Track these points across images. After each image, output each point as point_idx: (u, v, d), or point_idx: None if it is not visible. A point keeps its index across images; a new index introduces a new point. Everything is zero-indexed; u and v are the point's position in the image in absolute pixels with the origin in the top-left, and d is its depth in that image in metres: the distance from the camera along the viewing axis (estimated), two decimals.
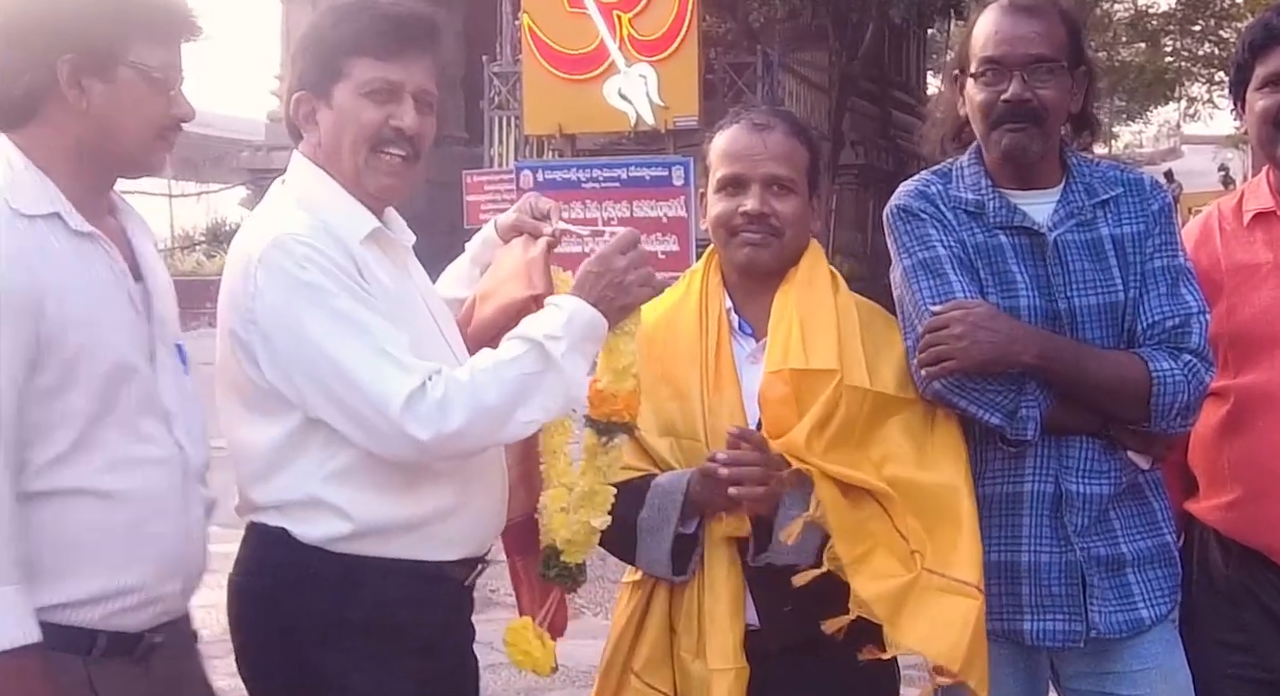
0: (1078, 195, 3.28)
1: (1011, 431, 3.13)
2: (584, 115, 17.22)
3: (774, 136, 3.27)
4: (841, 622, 3.03)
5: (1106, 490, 3.18)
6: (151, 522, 2.67)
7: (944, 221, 3.29)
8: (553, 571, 3.13)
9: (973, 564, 3.07)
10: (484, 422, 2.82)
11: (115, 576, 2.63)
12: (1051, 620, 3.18)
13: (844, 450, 3.11)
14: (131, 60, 2.66)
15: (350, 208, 3.00)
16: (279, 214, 2.96)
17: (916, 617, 3.03)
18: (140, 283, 2.77)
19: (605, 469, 3.06)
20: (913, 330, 3.22)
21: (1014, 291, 3.20)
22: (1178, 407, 3.12)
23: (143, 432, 2.68)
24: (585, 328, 2.94)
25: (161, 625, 2.75)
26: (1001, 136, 3.20)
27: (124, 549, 2.64)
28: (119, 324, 2.67)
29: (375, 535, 2.90)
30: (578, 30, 17.97)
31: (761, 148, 3.25)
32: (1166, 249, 3.24)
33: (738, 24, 21.77)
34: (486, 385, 2.82)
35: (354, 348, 2.78)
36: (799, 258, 3.31)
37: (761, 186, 3.23)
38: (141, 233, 2.89)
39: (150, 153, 2.76)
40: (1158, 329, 3.17)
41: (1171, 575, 3.28)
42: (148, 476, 2.66)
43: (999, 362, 3.08)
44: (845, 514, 3.05)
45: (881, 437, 3.17)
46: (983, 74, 3.22)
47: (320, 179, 3.01)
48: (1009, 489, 3.21)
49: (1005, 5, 3.26)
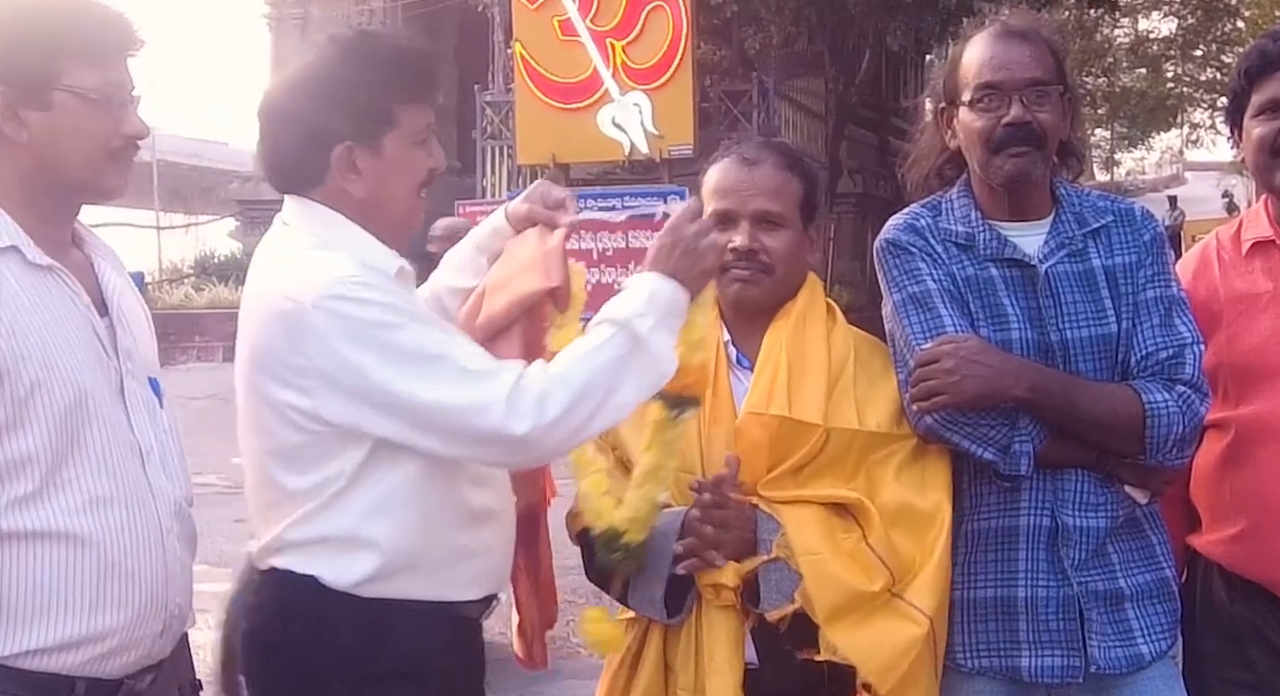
0: (1068, 225, 3.26)
1: (1005, 466, 3.10)
2: (578, 144, 17.22)
3: (763, 171, 3.25)
4: (785, 612, 3.01)
5: (1104, 523, 3.15)
6: (126, 563, 2.62)
7: (934, 255, 3.26)
8: (617, 554, 3.07)
9: (931, 594, 3.06)
10: (582, 410, 2.80)
11: (89, 620, 2.58)
12: (1050, 656, 3.14)
13: (827, 479, 3.11)
14: (66, 85, 2.62)
15: (374, 246, 2.97)
16: (308, 261, 2.88)
17: (859, 628, 3.01)
18: (106, 316, 2.73)
19: (671, 443, 3.05)
20: (904, 365, 3.20)
21: (1005, 324, 3.18)
22: (1173, 440, 3.09)
23: (115, 470, 2.63)
24: (668, 302, 2.93)
25: (144, 671, 2.70)
26: (1004, 162, 3.18)
27: (97, 591, 2.59)
28: (81, 358, 2.62)
29: (406, 572, 2.87)
30: (571, 58, 17.97)
31: (750, 183, 3.23)
32: (1159, 279, 3.22)
33: (733, 51, 21.84)
34: (579, 374, 2.81)
35: (437, 378, 2.76)
36: (795, 291, 3.29)
37: (750, 222, 3.21)
38: (110, 265, 2.85)
39: (102, 175, 2.71)
40: (1151, 360, 3.15)
41: (1171, 610, 3.25)
42: (120, 515, 2.62)
43: (990, 397, 3.06)
44: (814, 540, 3.03)
45: (870, 471, 3.15)
46: (980, 100, 3.20)
47: (341, 223, 2.96)
48: (1005, 523, 3.17)
49: (997, 32, 3.25)
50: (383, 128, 2.93)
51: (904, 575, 3.06)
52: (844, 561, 3.03)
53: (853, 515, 3.09)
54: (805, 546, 3.02)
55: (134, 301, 2.89)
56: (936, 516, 3.11)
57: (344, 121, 2.90)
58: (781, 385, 3.13)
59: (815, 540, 3.03)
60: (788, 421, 3.09)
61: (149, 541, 2.67)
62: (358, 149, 2.91)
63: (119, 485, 2.63)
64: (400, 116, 2.93)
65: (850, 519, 3.09)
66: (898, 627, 3.02)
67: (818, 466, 3.12)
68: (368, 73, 2.94)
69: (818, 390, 3.14)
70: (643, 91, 17.78)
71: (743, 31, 21.88)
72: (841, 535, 3.06)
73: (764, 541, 3.04)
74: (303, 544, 2.86)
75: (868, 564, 3.04)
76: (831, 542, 3.04)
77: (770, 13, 20.87)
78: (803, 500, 3.09)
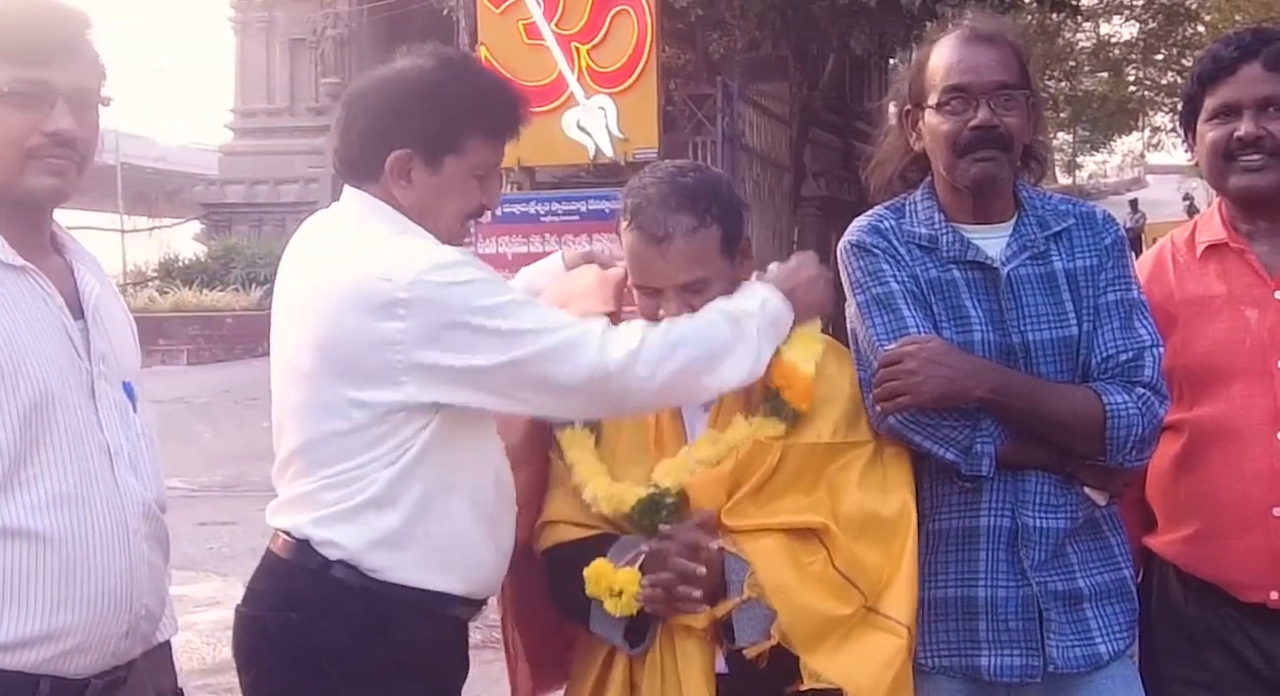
0: (1030, 228, 3.28)
1: (966, 467, 3.13)
2: (543, 147, 17.10)
3: (674, 246, 3.12)
4: (762, 648, 3.01)
5: (1063, 524, 3.17)
6: (89, 563, 2.60)
7: (897, 256, 3.28)
8: (662, 512, 3.09)
9: (906, 602, 3.06)
10: (671, 363, 2.96)
11: (50, 618, 2.56)
12: (1009, 655, 3.16)
13: (788, 496, 3.10)
14: None
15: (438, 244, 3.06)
16: (396, 245, 2.98)
17: (839, 650, 3.01)
18: (81, 319, 2.72)
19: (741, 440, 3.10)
20: (867, 366, 3.22)
21: (968, 326, 3.20)
22: (1132, 441, 3.12)
23: (81, 469, 2.62)
24: (775, 312, 3.12)
25: (111, 671, 2.68)
26: (971, 165, 3.20)
27: (59, 590, 2.57)
28: (51, 358, 2.61)
29: (413, 545, 2.94)
30: (535, 62, 17.90)
31: (663, 264, 3.13)
32: (1120, 282, 3.25)
33: (697, 55, 21.81)
34: (679, 333, 2.99)
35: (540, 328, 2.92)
36: None
37: (676, 294, 3.14)
38: (90, 271, 2.83)
39: (19, 175, 2.64)
40: (1111, 363, 3.17)
41: (1129, 610, 3.27)
42: (84, 514, 2.60)
43: (952, 398, 3.08)
44: (783, 575, 3.02)
45: (831, 480, 3.14)
46: (947, 103, 3.22)
47: (405, 221, 3.06)
48: (965, 523, 3.19)
49: (963, 35, 3.27)
50: (447, 149, 3.03)
51: (874, 587, 3.07)
52: (815, 589, 3.02)
53: (816, 536, 3.08)
54: (775, 583, 3.01)
55: (116, 308, 2.88)
56: (901, 521, 3.11)
57: (413, 129, 3.02)
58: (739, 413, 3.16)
59: (784, 574, 3.02)
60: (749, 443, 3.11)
61: (113, 541, 2.65)
62: (416, 159, 3.01)
63: (84, 484, 2.62)
64: (468, 146, 3.04)
65: (814, 540, 3.07)
66: (877, 642, 3.03)
67: (777, 485, 3.11)
68: (453, 94, 3.04)
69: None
70: (607, 95, 17.75)
71: (707, 36, 21.86)
72: (807, 560, 3.05)
73: (734, 583, 3.02)
74: (332, 501, 2.96)
75: (838, 588, 3.04)
76: (800, 573, 3.03)
77: (734, 17, 20.83)
78: (765, 529, 3.07)
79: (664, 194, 3.16)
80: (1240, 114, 3.27)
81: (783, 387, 3.12)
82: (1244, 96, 3.27)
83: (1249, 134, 3.25)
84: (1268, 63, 3.26)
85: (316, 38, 29.38)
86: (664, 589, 3.00)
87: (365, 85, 3.14)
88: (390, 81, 3.10)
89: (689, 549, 3.01)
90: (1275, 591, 3.18)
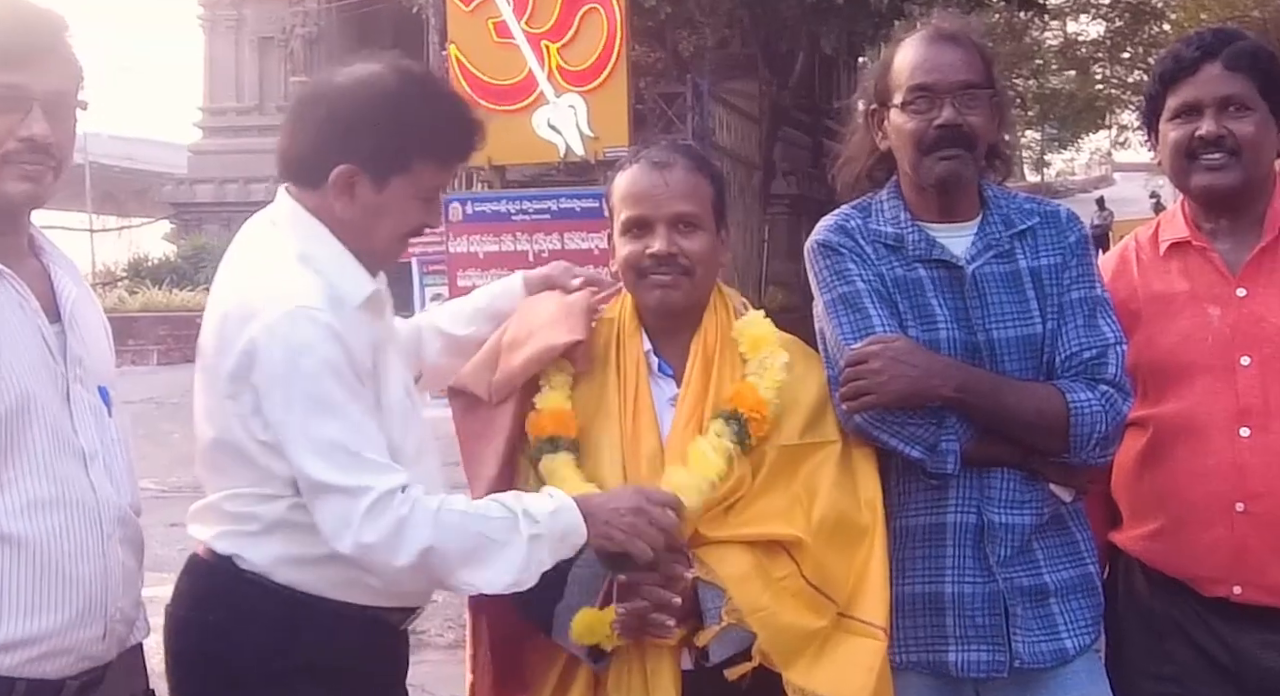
0: (995, 227, 3.30)
1: (932, 464, 3.15)
2: (513, 146, 17.08)
3: (676, 173, 3.20)
4: (744, 669, 3.02)
5: (1029, 521, 3.19)
6: (64, 566, 2.60)
7: (863, 255, 3.30)
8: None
9: (879, 604, 3.08)
10: (430, 564, 2.81)
11: (25, 622, 2.56)
12: (976, 651, 3.18)
13: (761, 499, 3.11)
14: None
15: (352, 270, 2.98)
16: (284, 272, 2.90)
17: (819, 660, 3.03)
18: (58, 323, 2.72)
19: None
20: (834, 365, 3.24)
21: (933, 324, 3.22)
22: (1096, 438, 3.15)
23: (56, 473, 2.62)
24: (566, 527, 2.89)
25: (85, 673, 2.68)
26: (935, 164, 3.22)
27: (34, 593, 2.57)
28: (27, 362, 2.61)
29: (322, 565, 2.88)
30: (505, 61, 17.86)
31: (663, 187, 3.18)
32: (1084, 280, 3.27)
33: (667, 54, 21.84)
34: (450, 527, 2.81)
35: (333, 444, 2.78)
36: (709, 295, 3.29)
37: (667, 226, 3.16)
38: (67, 275, 2.83)
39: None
40: (1075, 360, 3.20)
41: (1095, 605, 3.30)
42: (59, 518, 2.60)
43: (917, 396, 3.10)
44: (759, 597, 3.02)
45: (806, 482, 3.15)
46: (912, 102, 3.24)
47: (325, 238, 2.98)
48: (932, 520, 3.22)
49: (928, 35, 3.30)
50: (395, 170, 2.95)
51: (844, 592, 3.09)
52: (790, 605, 3.04)
53: (784, 548, 3.08)
54: (752, 604, 3.01)
55: (93, 312, 2.87)
56: (870, 521, 3.14)
57: (364, 147, 2.92)
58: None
59: (760, 596, 3.02)
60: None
61: (89, 545, 2.65)
62: (360, 176, 2.93)
63: (60, 489, 2.62)
64: (417, 168, 2.95)
65: (782, 553, 3.08)
66: (856, 647, 3.05)
67: (751, 492, 3.11)
68: (411, 115, 2.95)
69: None
70: (578, 93, 17.74)
71: (677, 34, 21.88)
72: (779, 575, 3.05)
73: (710, 610, 3.01)
74: (235, 516, 2.93)
75: (811, 600, 3.06)
76: (774, 590, 3.03)
77: (704, 15, 20.89)
78: (738, 540, 3.06)
79: (667, 143, 3.38)
80: (1202, 113, 3.29)
81: (744, 411, 3.11)
82: (1205, 96, 3.30)
83: (1210, 133, 3.27)
84: (1228, 62, 3.29)
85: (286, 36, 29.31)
86: (638, 617, 3.01)
87: (322, 90, 3.03)
88: (348, 91, 2.97)
89: (664, 578, 3.01)
90: (1238, 586, 3.20)
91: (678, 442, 3.14)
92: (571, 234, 15.60)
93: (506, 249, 15.86)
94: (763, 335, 3.22)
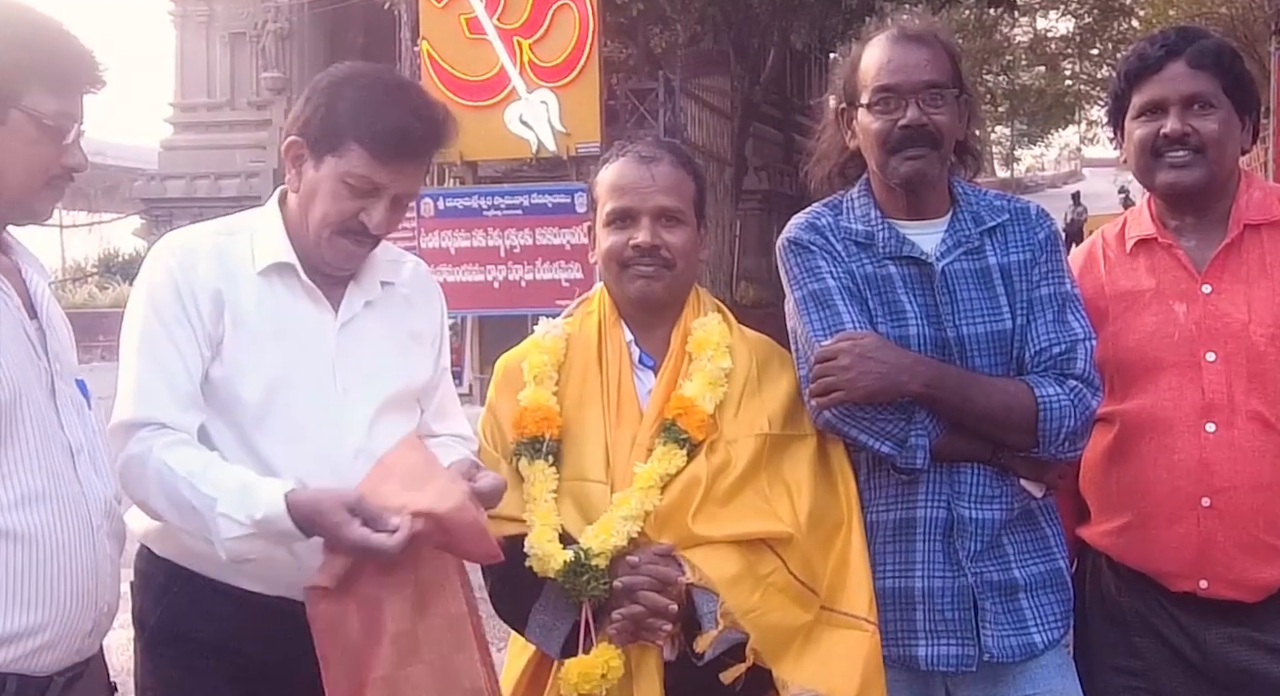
0: (965, 224, 3.32)
1: (902, 460, 3.17)
2: (485, 142, 17.13)
3: (662, 168, 3.26)
4: (738, 671, 3.03)
5: (999, 516, 3.21)
6: (58, 560, 2.62)
7: (833, 253, 3.32)
8: (585, 577, 3.01)
9: (863, 597, 3.10)
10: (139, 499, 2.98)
11: (19, 616, 2.57)
12: (945, 645, 3.21)
13: (746, 492, 3.12)
14: (25, 106, 2.63)
15: (271, 239, 3.12)
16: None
17: (804, 654, 3.05)
18: (35, 319, 2.75)
19: (649, 489, 3.08)
20: (805, 361, 3.25)
21: (903, 321, 3.24)
22: (1065, 433, 3.17)
23: (47, 468, 2.63)
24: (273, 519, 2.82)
25: (71, 667, 2.70)
26: (901, 163, 3.25)
27: (28, 588, 2.58)
28: (15, 358, 2.63)
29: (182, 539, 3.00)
30: (477, 56, 17.90)
31: (650, 180, 3.24)
32: (1053, 276, 3.29)
33: (639, 49, 21.82)
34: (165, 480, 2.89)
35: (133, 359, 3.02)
36: (689, 289, 3.33)
37: (651, 219, 3.22)
38: (36, 271, 2.86)
39: (37, 200, 2.73)
40: (1044, 356, 3.22)
41: (1064, 600, 3.32)
42: (52, 512, 2.62)
43: (886, 393, 3.12)
44: (750, 598, 3.03)
45: (786, 478, 3.17)
46: (877, 103, 3.26)
47: (271, 210, 3.17)
48: (902, 515, 3.24)
49: (894, 35, 3.32)
50: (329, 149, 3.03)
51: (824, 584, 3.11)
52: (778, 602, 3.05)
53: (768, 544, 3.09)
54: (744, 605, 3.02)
55: (57, 308, 2.90)
56: (848, 514, 3.17)
57: (305, 120, 3.06)
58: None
59: (750, 595, 3.03)
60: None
61: (80, 538, 2.66)
62: (305, 148, 3.05)
63: (51, 483, 2.63)
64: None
65: (767, 549, 3.08)
66: (840, 640, 3.07)
67: (733, 483, 3.12)
68: (345, 98, 3.05)
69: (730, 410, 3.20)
70: (549, 89, 17.76)
71: (649, 30, 21.86)
72: (765, 572, 3.06)
73: (706, 615, 3.02)
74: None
75: (798, 595, 3.07)
76: (763, 589, 3.05)
77: (676, 11, 20.88)
78: (732, 539, 3.06)
79: (653, 139, 3.43)
80: (1166, 111, 3.32)
81: (678, 417, 3.14)
82: (1170, 94, 3.32)
83: (1174, 131, 3.30)
84: (1192, 61, 3.32)
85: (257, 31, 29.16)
86: (634, 622, 3.03)
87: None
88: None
89: (659, 582, 3.03)
90: (1204, 580, 3.22)
91: (647, 438, 3.16)
92: (543, 229, 15.64)
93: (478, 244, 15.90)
94: (707, 338, 3.25)
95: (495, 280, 15.94)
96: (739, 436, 3.16)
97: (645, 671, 3.05)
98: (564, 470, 3.17)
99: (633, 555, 3.04)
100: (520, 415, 3.22)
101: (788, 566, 3.07)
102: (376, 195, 3.05)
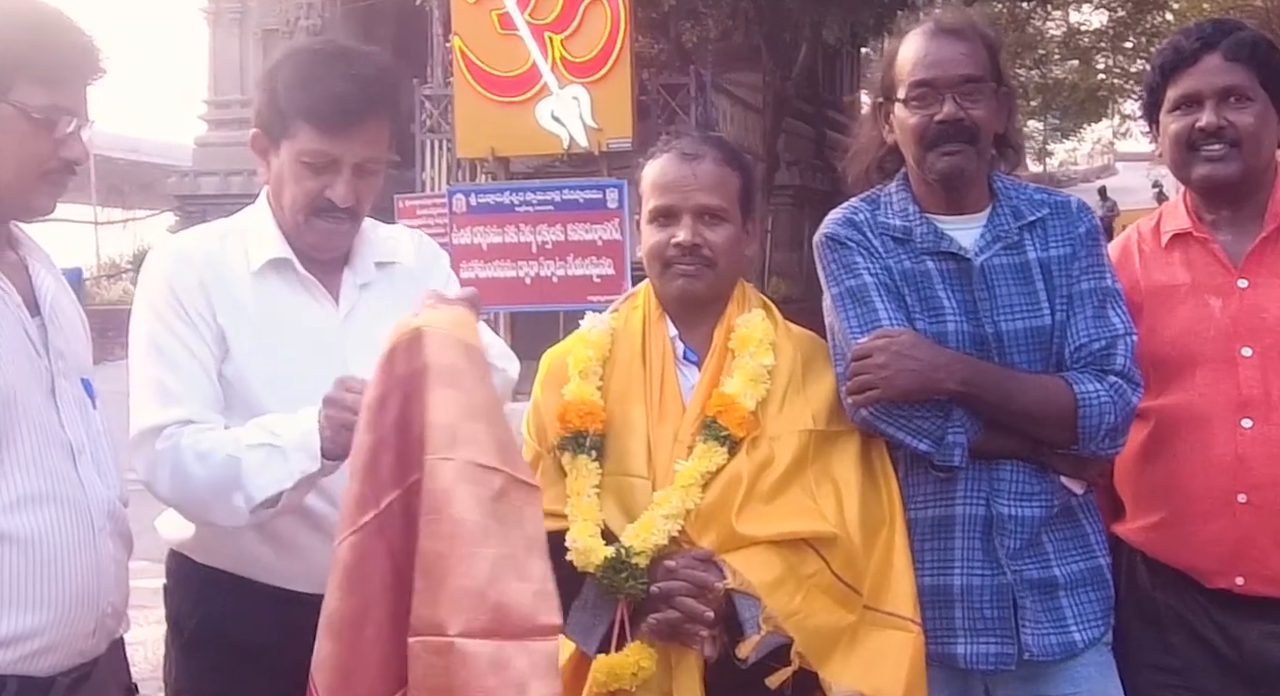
0: (1004, 219, 3.30)
1: (939, 458, 3.15)
2: (517, 138, 17.16)
3: (704, 166, 3.24)
4: (784, 675, 3.01)
5: (1038, 513, 3.20)
6: (56, 562, 2.60)
7: (871, 249, 3.30)
8: (623, 574, 3.00)
9: (906, 597, 3.09)
10: (174, 486, 3.00)
11: (17, 618, 2.56)
12: (985, 643, 3.19)
13: (792, 489, 3.11)
14: (13, 100, 2.61)
15: (264, 236, 3.17)
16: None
17: (851, 655, 3.04)
18: (38, 316, 2.73)
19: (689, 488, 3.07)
20: (842, 358, 3.24)
21: (941, 317, 3.22)
22: (1105, 429, 3.14)
23: (45, 468, 2.62)
24: (302, 448, 2.90)
25: (75, 668, 2.68)
26: (938, 159, 3.23)
27: (27, 590, 2.57)
28: (11, 357, 2.62)
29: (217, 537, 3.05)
30: (509, 52, 17.92)
31: (691, 178, 3.22)
32: (1093, 271, 3.27)
33: (670, 44, 21.79)
34: (201, 451, 2.94)
35: (145, 366, 3.06)
36: (734, 285, 3.31)
37: (692, 217, 3.20)
38: (44, 267, 2.84)
39: (31, 194, 2.70)
40: (1084, 351, 3.20)
41: (1105, 598, 3.30)
42: (51, 514, 2.60)
43: (922, 391, 3.11)
44: (792, 601, 3.01)
45: (834, 476, 3.15)
46: (914, 97, 3.25)
47: (260, 208, 3.21)
48: (940, 512, 3.22)
49: (930, 29, 3.30)
50: (281, 134, 3.08)
51: (866, 583, 3.09)
52: (822, 604, 3.04)
53: (810, 545, 3.07)
54: (786, 609, 3.00)
55: (68, 303, 2.88)
56: (890, 512, 3.16)
57: (260, 108, 3.10)
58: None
59: (792, 598, 3.01)
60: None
61: (80, 540, 2.65)
62: (267, 139, 3.10)
63: (50, 483, 2.61)
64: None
65: (809, 549, 3.06)
66: (885, 640, 3.06)
67: (777, 480, 3.10)
68: (281, 78, 3.09)
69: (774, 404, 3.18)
70: (581, 85, 17.77)
71: (680, 25, 21.83)
72: (807, 573, 3.05)
73: (749, 620, 3.00)
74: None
75: (842, 595, 3.06)
76: (805, 590, 3.03)
77: (707, 6, 20.86)
78: (774, 539, 3.04)
79: (698, 135, 3.40)
80: (1202, 104, 3.31)
81: (719, 414, 3.12)
82: (1205, 87, 3.31)
83: (1210, 124, 3.29)
84: (1228, 53, 3.30)
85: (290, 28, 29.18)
86: (670, 626, 3.02)
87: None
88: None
89: (696, 588, 3.01)
90: (1241, 577, 3.21)
91: (689, 435, 3.15)
92: (575, 225, 15.61)
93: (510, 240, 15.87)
94: (749, 334, 3.23)
95: (527, 276, 15.91)
96: (782, 433, 3.14)
97: (685, 668, 3.04)
98: (607, 465, 3.16)
99: (670, 559, 3.02)
100: (564, 409, 3.20)
101: (830, 567, 3.06)
102: (335, 169, 3.08)
